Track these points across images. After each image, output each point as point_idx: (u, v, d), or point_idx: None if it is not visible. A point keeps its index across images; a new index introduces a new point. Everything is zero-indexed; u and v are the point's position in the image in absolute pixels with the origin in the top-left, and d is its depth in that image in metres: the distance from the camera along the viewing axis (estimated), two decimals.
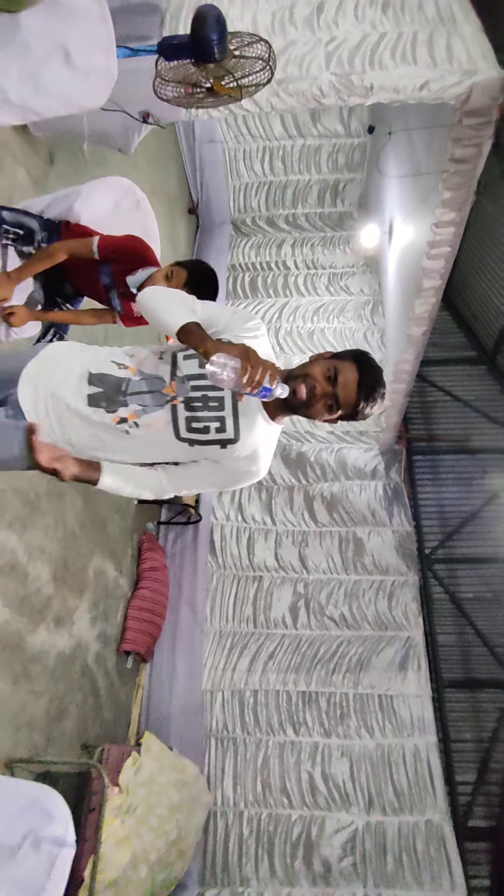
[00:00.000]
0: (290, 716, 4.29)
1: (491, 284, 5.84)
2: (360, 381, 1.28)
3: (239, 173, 6.68)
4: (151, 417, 1.32)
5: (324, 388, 1.28)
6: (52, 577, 3.02)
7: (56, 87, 1.72)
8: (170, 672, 4.30)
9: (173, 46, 2.14)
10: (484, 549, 5.23)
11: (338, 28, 3.19)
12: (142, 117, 2.65)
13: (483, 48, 3.03)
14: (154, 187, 5.25)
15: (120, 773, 2.88)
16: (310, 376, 1.29)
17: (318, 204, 6.95)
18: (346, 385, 1.28)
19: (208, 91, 2.20)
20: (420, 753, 4.13)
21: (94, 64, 1.73)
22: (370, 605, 4.73)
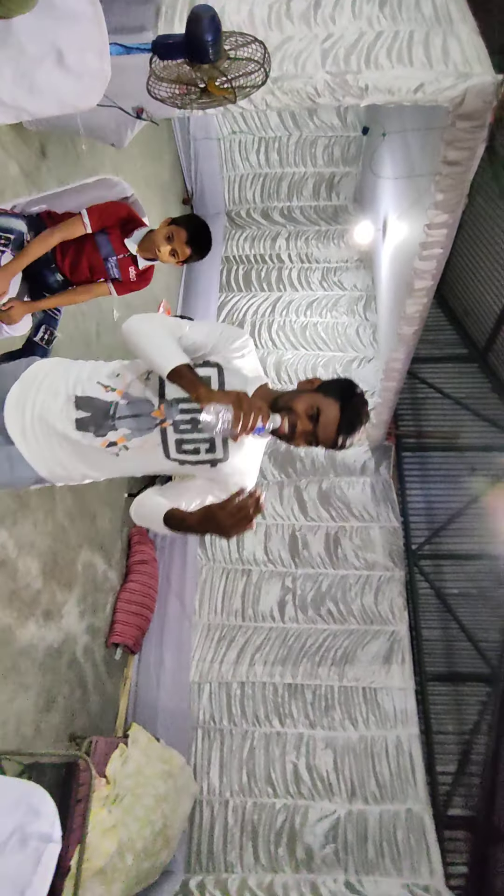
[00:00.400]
0: (276, 707, 4.37)
1: (483, 282, 5.87)
2: (341, 421, 1.31)
3: (234, 164, 6.63)
4: (141, 441, 1.34)
5: (304, 427, 1.32)
6: (42, 572, 3.05)
7: (49, 88, 1.71)
8: (157, 664, 4.36)
9: (168, 46, 2.13)
10: (470, 546, 5.31)
11: (335, 24, 3.18)
12: (135, 113, 2.64)
13: (478, 50, 3.03)
14: (147, 177, 5.21)
15: (107, 765, 2.93)
16: (293, 412, 1.32)
17: (314, 197, 6.93)
18: (326, 425, 1.32)
19: (202, 91, 2.19)
20: (402, 745, 4.22)
21: (87, 66, 1.73)
22: (356, 600, 4.80)
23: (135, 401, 1.34)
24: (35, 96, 1.69)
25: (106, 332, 4.01)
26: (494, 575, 5.09)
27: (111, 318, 4.18)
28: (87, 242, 2.03)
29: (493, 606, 4.99)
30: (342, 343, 6.07)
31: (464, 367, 6.32)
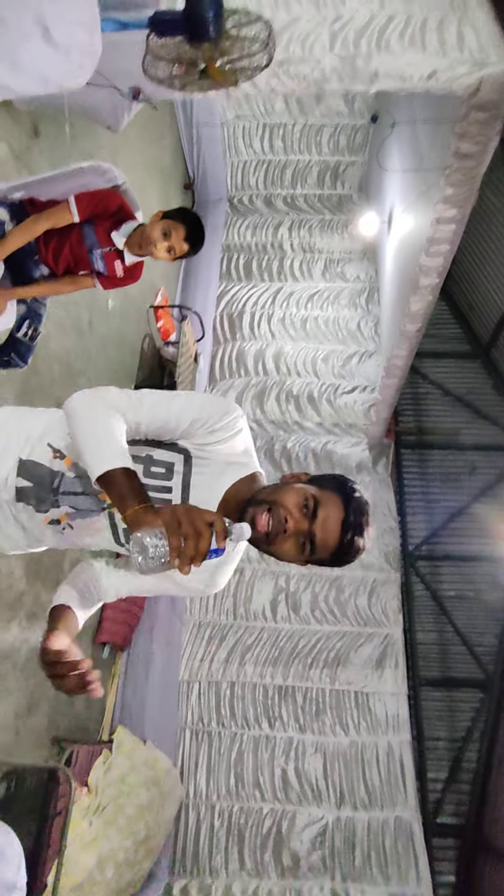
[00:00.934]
0: (265, 710, 4.30)
1: (490, 278, 5.73)
2: (346, 521, 1.00)
3: (238, 150, 6.44)
4: (86, 523, 1.11)
5: (298, 524, 1.00)
6: (25, 573, 2.94)
7: (34, 64, 1.57)
8: (146, 661, 4.28)
9: (166, 22, 1.98)
10: (468, 548, 5.22)
11: (344, 6, 3.01)
12: (132, 94, 2.48)
13: (495, 39, 2.87)
14: (147, 161, 5.04)
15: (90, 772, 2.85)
16: (279, 505, 1.00)
17: (318, 185, 6.75)
18: (327, 524, 1.00)
19: (202, 73, 2.05)
20: (393, 751, 4.16)
21: (75, 41, 1.58)
22: (350, 601, 4.72)
23: (83, 475, 1.08)
24: (18, 73, 1.55)
25: (99, 322, 3.87)
26: (492, 578, 5.01)
27: (105, 307, 4.04)
28: (72, 232, 1.89)
29: (489, 610, 4.93)
30: (343, 336, 5.93)
31: (466, 364, 6.20)
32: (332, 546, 1.01)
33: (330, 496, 1.03)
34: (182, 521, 0.85)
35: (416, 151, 3.96)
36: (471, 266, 5.98)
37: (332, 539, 1.00)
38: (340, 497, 1.03)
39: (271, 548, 1.02)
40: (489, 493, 5.46)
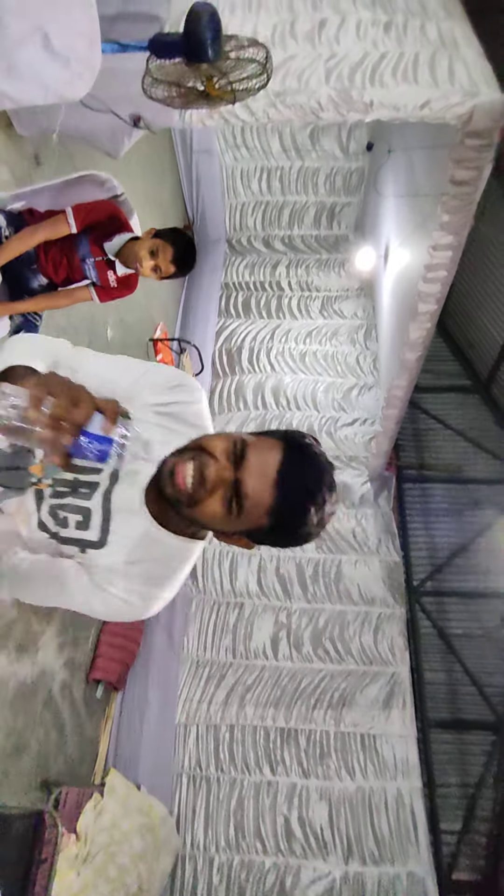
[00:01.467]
0: (267, 754, 4.06)
1: (488, 312, 5.79)
2: (283, 468, 0.76)
3: (236, 192, 6.64)
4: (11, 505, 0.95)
5: (219, 471, 0.78)
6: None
7: (32, 71, 1.59)
8: (142, 703, 4.07)
9: (165, 44, 2.04)
10: (474, 584, 5.07)
11: (339, 45, 3.14)
12: (132, 121, 2.54)
13: (485, 73, 2.98)
14: (147, 195, 5.17)
15: (79, 818, 2.64)
16: (203, 451, 0.79)
17: (315, 226, 6.92)
18: (256, 470, 0.76)
19: (200, 93, 2.09)
20: (403, 798, 3.90)
21: (75, 51, 1.62)
22: (355, 638, 4.54)
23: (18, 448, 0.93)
24: (16, 79, 1.57)
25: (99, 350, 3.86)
26: (500, 615, 4.84)
27: (105, 338, 4.05)
28: (69, 241, 1.89)
29: (498, 648, 4.73)
30: (342, 370, 5.95)
31: (466, 399, 6.20)
32: (265, 500, 0.76)
33: (266, 441, 0.81)
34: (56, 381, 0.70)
35: (411, 180, 4.05)
36: (467, 302, 6.06)
37: (265, 490, 0.75)
38: (281, 442, 0.79)
39: (195, 510, 0.80)
40: (494, 528, 5.35)
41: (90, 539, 0.91)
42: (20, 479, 0.94)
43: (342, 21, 3.29)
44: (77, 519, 0.91)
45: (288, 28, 3.23)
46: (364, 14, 3.35)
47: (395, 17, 3.34)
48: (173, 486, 0.78)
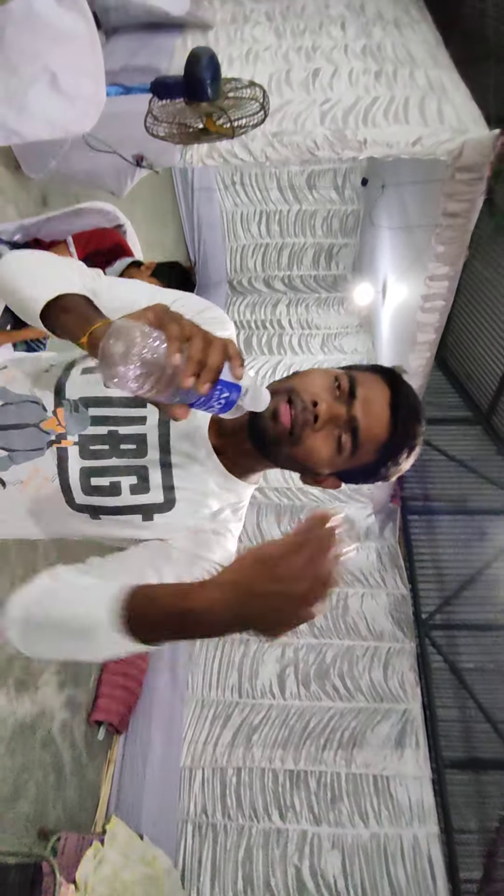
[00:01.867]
0: (276, 798, 3.88)
1: (485, 346, 5.87)
2: (395, 404, 0.75)
3: (236, 235, 6.86)
4: (25, 470, 0.80)
5: (332, 408, 0.74)
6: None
7: (41, 110, 1.68)
8: (145, 745, 3.92)
9: (167, 86, 2.15)
10: (485, 615, 4.96)
11: (332, 91, 3.31)
12: (135, 161, 2.65)
13: (473, 114, 3.13)
14: (150, 240, 5.33)
15: (78, 867, 2.51)
16: (301, 391, 0.74)
17: (314, 266, 7.12)
18: (371, 407, 0.74)
19: (200, 130, 2.19)
20: (420, 846, 3.70)
21: (81, 90, 1.70)
22: (364, 674, 4.40)
23: (16, 401, 0.80)
24: (25, 118, 1.65)
25: None
26: None
27: None
28: None
29: None
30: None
31: (468, 430, 6.21)
32: (379, 437, 0.74)
33: (370, 375, 0.78)
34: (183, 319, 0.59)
35: (405, 213, 4.19)
36: (465, 337, 6.16)
37: (381, 424, 0.73)
38: (381, 376, 0.78)
39: (298, 448, 0.74)
40: (502, 559, 5.27)
41: (155, 502, 0.79)
42: (33, 438, 0.79)
43: (335, 70, 3.48)
44: (131, 482, 0.79)
45: (284, 76, 3.42)
46: (356, 63, 3.55)
47: (384, 65, 3.53)
48: (276, 425, 0.73)
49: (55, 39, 1.58)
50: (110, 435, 0.80)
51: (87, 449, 0.80)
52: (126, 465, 0.80)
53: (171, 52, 3.51)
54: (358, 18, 4.00)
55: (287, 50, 3.67)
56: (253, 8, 4.18)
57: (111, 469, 0.80)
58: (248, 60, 3.57)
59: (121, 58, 3.41)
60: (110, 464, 0.80)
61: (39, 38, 1.54)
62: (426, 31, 3.86)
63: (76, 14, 1.87)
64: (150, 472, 0.80)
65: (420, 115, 3.07)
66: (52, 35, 1.57)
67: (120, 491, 0.80)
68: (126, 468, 0.80)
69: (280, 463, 0.80)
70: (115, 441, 0.80)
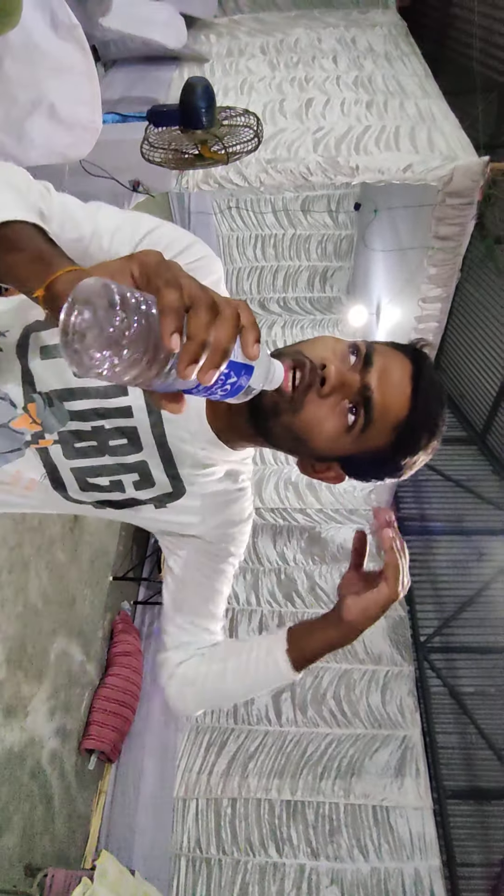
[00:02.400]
0: (272, 831, 3.77)
1: (478, 365, 5.92)
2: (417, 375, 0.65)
3: (232, 258, 6.94)
4: (5, 474, 0.73)
5: (343, 374, 0.63)
6: (6, 659, 2.70)
7: (39, 138, 1.71)
8: (137, 775, 3.82)
9: (162, 114, 2.19)
10: (484, 638, 4.89)
11: (325, 120, 3.39)
12: (132, 186, 2.70)
13: (462, 142, 3.20)
14: None
15: None
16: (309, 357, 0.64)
17: (308, 289, 7.20)
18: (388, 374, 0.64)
19: (195, 156, 2.23)
20: (422, 881, 3.58)
21: (78, 117, 1.74)
22: (362, 699, 4.32)
23: None
24: (24, 145, 1.68)
25: None
26: None
27: None
28: None
29: None
30: None
31: (463, 450, 6.22)
32: (397, 413, 0.63)
33: (386, 347, 0.68)
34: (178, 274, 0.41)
35: (397, 236, 4.25)
36: (458, 358, 6.22)
37: (400, 399, 0.62)
38: (402, 350, 0.68)
39: (298, 418, 0.62)
40: (500, 580, 5.23)
41: (165, 492, 0.75)
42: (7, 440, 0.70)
43: (328, 100, 3.57)
44: (133, 479, 0.73)
45: (278, 106, 3.50)
46: (348, 94, 3.64)
47: (375, 96, 3.63)
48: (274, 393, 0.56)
49: (53, 69, 1.61)
50: (95, 431, 0.70)
51: (72, 447, 0.71)
52: (122, 464, 0.72)
53: (169, 84, 3.60)
54: (349, 52, 4.12)
55: (281, 81, 3.76)
56: (248, 42, 4.31)
57: (107, 468, 0.73)
58: (242, 91, 3.66)
59: (119, 89, 3.49)
60: (104, 462, 0.72)
61: (38, 68, 1.58)
62: (416, 64, 3.98)
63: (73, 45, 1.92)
64: (150, 466, 0.73)
65: (411, 143, 3.14)
66: (50, 65, 1.60)
67: (124, 488, 0.74)
68: (123, 466, 0.72)
69: (274, 438, 0.68)
70: (103, 437, 0.70)
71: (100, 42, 3.52)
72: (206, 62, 3.97)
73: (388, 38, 4.29)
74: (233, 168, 2.92)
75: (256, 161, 2.94)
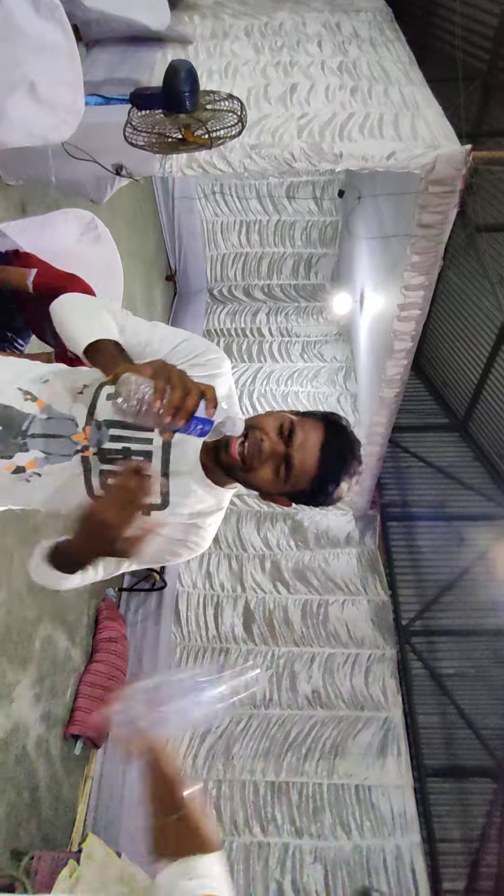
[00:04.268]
0: (257, 811, 3.84)
1: (460, 354, 5.98)
2: (325, 445, 0.97)
3: (216, 244, 6.90)
4: (57, 469, 1.05)
5: (273, 446, 0.97)
6: None
7: (20, 118, 1.68)
8: (123, 760, 3.85)
9: (146, 97, 2.17)
10: (464, 621, 5.00)
11: (309, 106, 3.37)
12: (115, 169, 2.66)
13: (445, 130, 3.20)
14: (131, 250, 5.34)
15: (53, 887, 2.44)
16: (257, 429, 0.98)
17: (293, 276, 7.19)
18: (304, 446, 0.96)
19: (179, 140, 2.21)
20: (403, 856, 3.69)
21: (59, 98, 1.71)
22: (345, 682, 4.40)
23: (57, 417, 1.05)
24: (4, 126, 1.65)
25: None
26: (492, 652, 4.75)
27: None
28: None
29: (492, 688, 4.62)
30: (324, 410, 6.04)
31: (445, 437, 6.30)
32: (309, 470, 0.96)
33: (309, 421, 1.00)
34: (171, 372, 0.83)
35: (381, 226, 4.26)
36: (441, 345, 6.27)
37: (310, 462, 0.96)
38: (322, 423, 1.00)
39: (249, 474, 0.99)
40: (480, 564, 5.33)
41: (154, 502, 1.03)
42: (64, 446, 1.04)
43: (312, 86, 3.54)
44: None
45: (262, 91, 3.47)
46: (332, 79, 3.62)
47: (360, 82, 3.61)
48: (229, 457, 0.97)
49: (34, 49, 1.58)
50: (124, 450, 1.03)
51: (106, 458, 1.04)
52: None
53: (152, 66, 3.54)
54: (334, 37, 4.09)
55: (265, 65, 3.72)
56: (232, 24, 4.25)
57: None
58: (227, 74, 3.62)
59: (102, 70, 3.43)
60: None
61: (18, 47, 1.55)
62: (400, 50, 3.96)
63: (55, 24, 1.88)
64: (152, 479, 0.97)
65: (394, 131, 3.14)
66: (31, 45, 1.57)
67: None
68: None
69: (241, 483, 1.04)
70: (127, 455, 1.03)
71: (81, 21, 3.45)
72: (190, 44, 3.92)
73: (374, 23, 4.26)
74: (217, 153, 2.89)
75: (240, 146, 2.91)
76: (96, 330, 0.98)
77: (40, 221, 1.88)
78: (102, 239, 2.00)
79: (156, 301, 6.35)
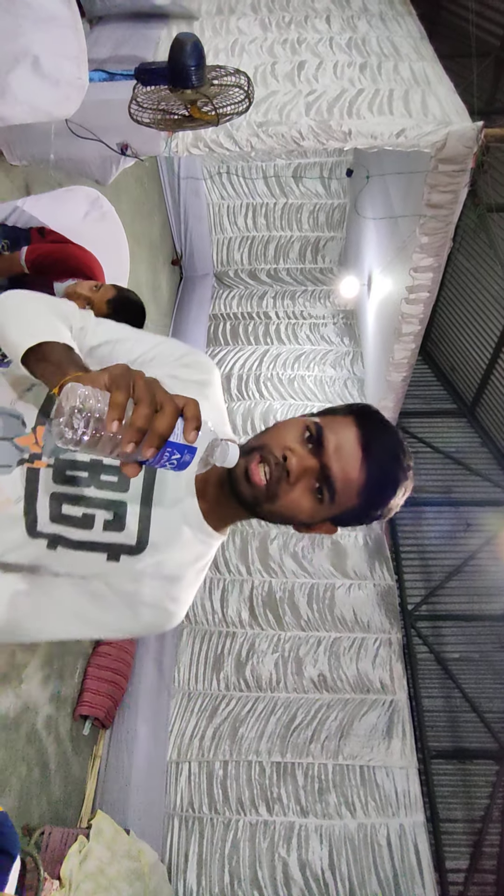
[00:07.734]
0: (263, 791, 3.89)
1: (468, 339, 5.92)
2: (366, 443, 0.72)
3: (223, 227, 6.82)
4: None
5: (302, 460, 0.72)
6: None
7: (23, 92, 1.65)
8: (131, 739, 3.90)
9: (151, 72, 2.12)
10: (469, 606, 5.01)
11: (317, 83, 3.30)
12: (120, 149, 2.63)
13: (456, 106, 3.13)
14: (136, 234, 5.29)
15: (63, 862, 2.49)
16: (272, 446, 0.73)
17: (300, 259, 7.11)
18: (341, 451, 0.72)
19: (185, 117, 2.17)
20: (406, 835, 3.73)
21: (63, 73, 1.68)
22: (351, 665, 4.42)
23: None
24: (7, 100, 1.62)
25: None
26: (497, 637, 4.76)
27: None
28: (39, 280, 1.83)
29: (496, 672, 4.64)
30: (331, 395, 6.00)
31: (453, 422, 6.26)
32: (355, 479, 0.71)
33: (336, 419, 0.75)
34: (136, 380, 0.55)
35: (389, 204, 4.19)
36: (449, 330, 6.21)
37: (354, 469, 0.70)
38: (351, 417, 0.75)
39: (277, 505, 0.72)
40: (486, 550, 5.32)
41: (126, 543, 0.74)
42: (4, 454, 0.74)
43: (320, 63, 3.47)
44: (106, 517, 0.74)
45: (269, 69, 3.40)
46: (341, 56, 3.54)
47: (369, 59, 3.53)
48: (250, 486, 0.71)
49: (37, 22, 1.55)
50: (92, 464, 0.76)
51: (63, 474, 0.75)
52: (104, 499, 0.75)
53: (157, 43, 3.48)
54: (343, 12, 4.00)
55: (272, 42, 3.65)
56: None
57: (87, 499, 0.75)
58: (233, 52, 3.55)
59: (106, 47, 3.37)
60: (87, 493, 0.75)
61: (21, 19, 1.51)
62: (411, 25, 3.87)
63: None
64: (128, 509, 0.75)
65: (404, 108, 3.07)
66: (34, 17, 1.54)
67: (92, 524, 0.75)
68: (104, 501, 0.75)
69: (268, 519, 0.77)
70: (97, 471, 0.76)
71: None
72: (196, 20, 3.84)
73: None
74: (223, 131, 2.85)
75: (247, 124, 2.87)
76: (40, 331, 0.71)
77: (48, 198, 1.86)
78: (108, 216, 1.97)
79: (161, 285, 6.30)
